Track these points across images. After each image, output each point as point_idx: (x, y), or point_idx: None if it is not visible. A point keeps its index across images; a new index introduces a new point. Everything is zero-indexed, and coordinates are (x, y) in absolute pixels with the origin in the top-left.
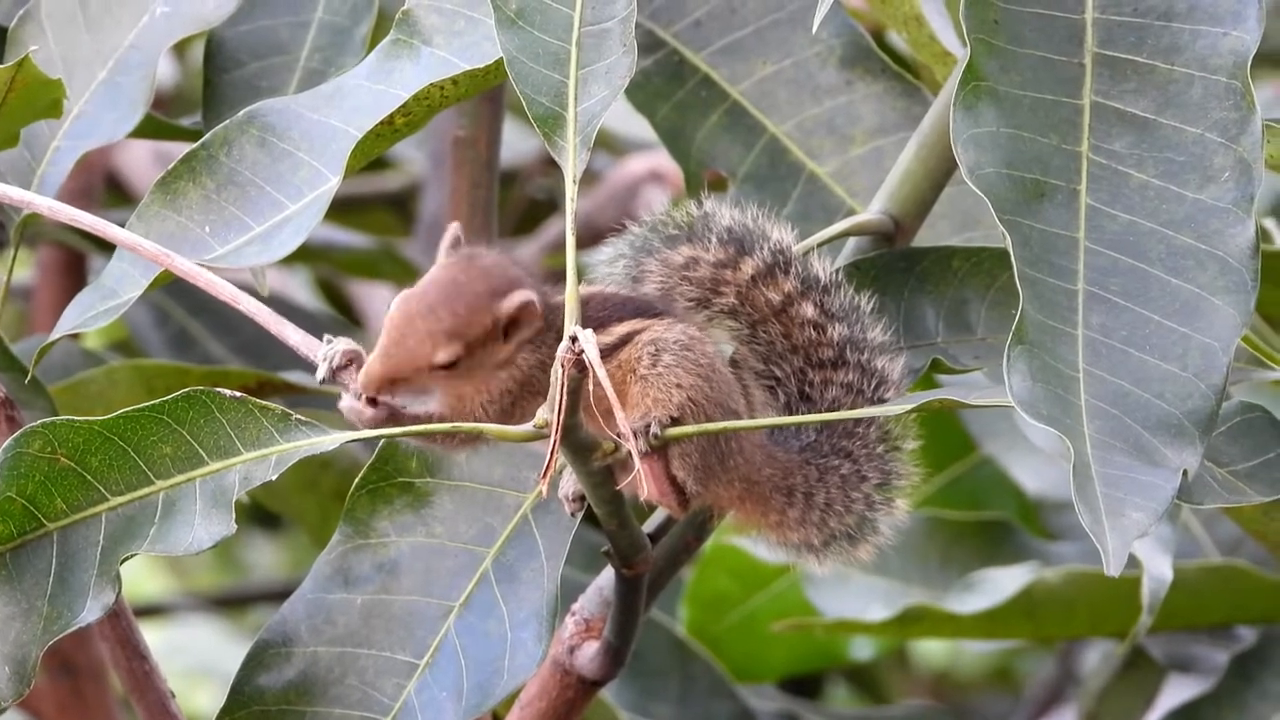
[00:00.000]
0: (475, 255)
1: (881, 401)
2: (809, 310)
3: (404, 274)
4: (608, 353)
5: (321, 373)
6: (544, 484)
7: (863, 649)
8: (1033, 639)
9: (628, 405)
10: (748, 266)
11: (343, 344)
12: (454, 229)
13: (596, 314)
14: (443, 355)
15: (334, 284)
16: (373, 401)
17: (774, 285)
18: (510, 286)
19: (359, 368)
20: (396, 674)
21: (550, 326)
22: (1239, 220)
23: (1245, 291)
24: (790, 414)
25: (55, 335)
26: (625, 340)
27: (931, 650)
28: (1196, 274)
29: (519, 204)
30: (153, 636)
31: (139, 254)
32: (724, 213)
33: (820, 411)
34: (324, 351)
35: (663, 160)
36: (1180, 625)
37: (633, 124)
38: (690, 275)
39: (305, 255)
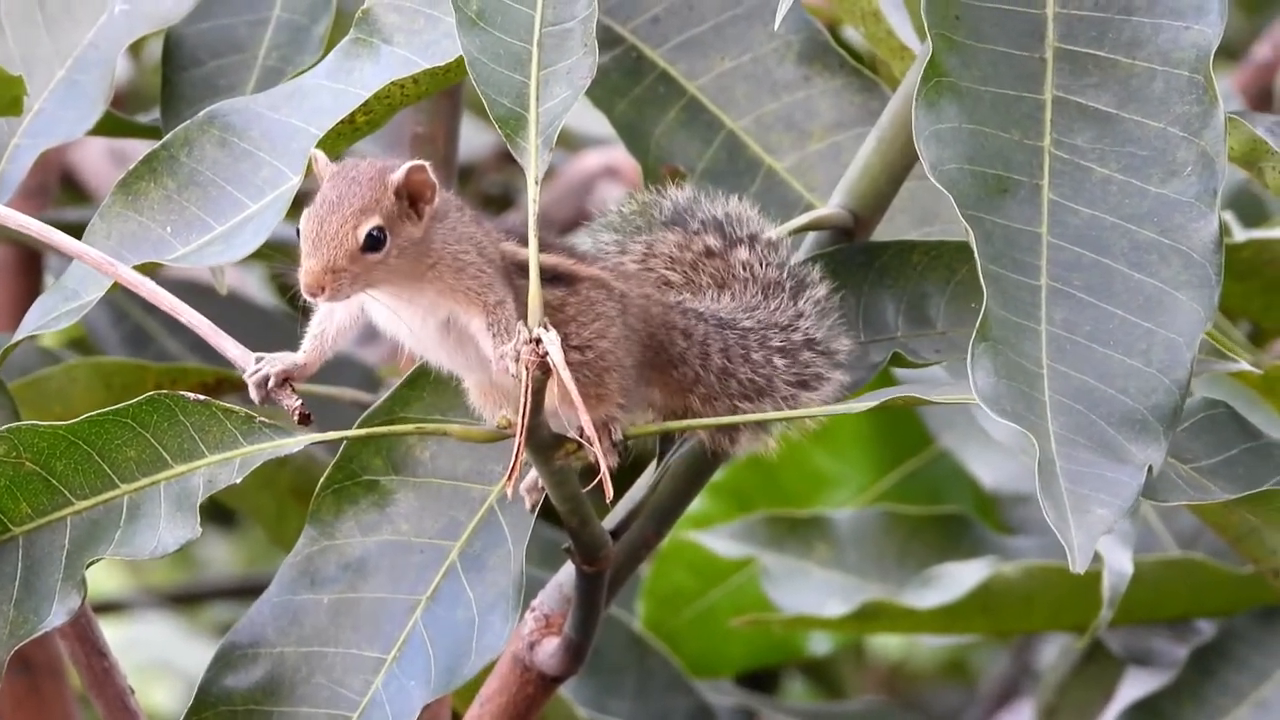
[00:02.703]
0: (350, 161)
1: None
2: (743, 253)
3: None
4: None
5: (254, 396)
6: (509, 487)
7: (820, 644)
8: (991, 634)
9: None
10: (700, 242)
11: (278, 364)
12: (313, 152)
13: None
14: (363, 230)
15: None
16: (305, 418)
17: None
18: (394, 165)
19: (293, 385)
20: (364, 670)
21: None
22: (1202, 214)
23: (1209, 286)
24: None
25: (18, 337)
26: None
27: (887, 643)
28: (1160, 269)
29: (474, 199)
30: (110, 633)
31: (85, 262)
32: (673, 195)
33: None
34: (255, 377)
35: (618, 155)
36: (1139, 619)
37: (588, 119)
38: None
39: (261, 252)
